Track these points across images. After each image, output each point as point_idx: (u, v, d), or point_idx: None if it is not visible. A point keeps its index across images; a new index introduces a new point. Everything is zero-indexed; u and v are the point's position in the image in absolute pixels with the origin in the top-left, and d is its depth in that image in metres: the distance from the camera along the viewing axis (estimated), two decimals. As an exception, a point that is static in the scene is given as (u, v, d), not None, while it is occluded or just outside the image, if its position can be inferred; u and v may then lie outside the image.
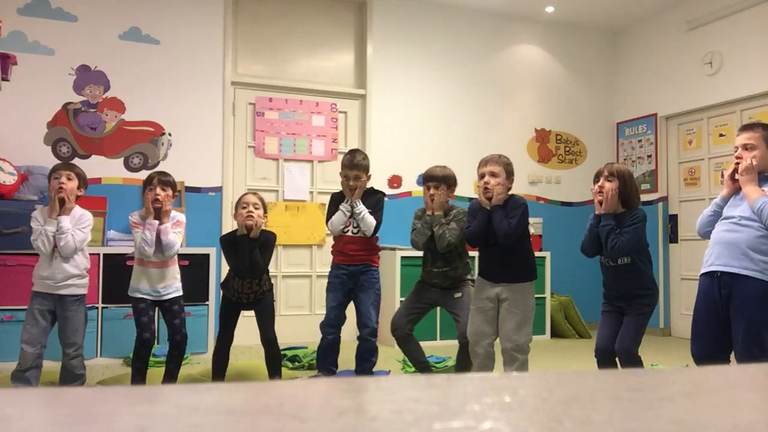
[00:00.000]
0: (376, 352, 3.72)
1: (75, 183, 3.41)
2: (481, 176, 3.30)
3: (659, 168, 6.19)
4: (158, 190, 3.46)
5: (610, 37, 6.75)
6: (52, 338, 3.40)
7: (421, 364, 3.71)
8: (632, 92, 6.53)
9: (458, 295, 3.59)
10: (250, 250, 3.48)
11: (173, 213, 3.59)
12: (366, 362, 3.69)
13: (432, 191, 3.58)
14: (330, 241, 4.15)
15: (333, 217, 3.72)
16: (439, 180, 3.58)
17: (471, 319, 3.34)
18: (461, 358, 3.61)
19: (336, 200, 3.79)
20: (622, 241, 3.04)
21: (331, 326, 3.66)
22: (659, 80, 6.21)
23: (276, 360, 3.58)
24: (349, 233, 3.71)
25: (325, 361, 3.67)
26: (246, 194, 3.66)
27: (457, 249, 3.57)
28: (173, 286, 3.52)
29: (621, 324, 3.14)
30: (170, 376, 3.53)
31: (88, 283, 3.48)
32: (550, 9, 6.19)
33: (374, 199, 3.79)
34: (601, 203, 3.15)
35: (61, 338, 3.39)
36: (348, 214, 3.68)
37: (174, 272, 3.55)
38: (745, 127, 2.96)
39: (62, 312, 3.37)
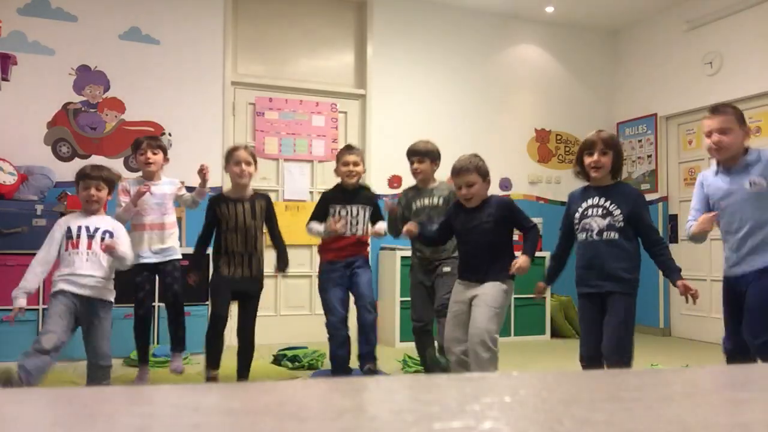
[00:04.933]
0: (376, 327, 3.69)
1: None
2: (458, 187, 3.17)
3: (659, 168, 6.19)
4: (149, 154, 3.50)
5: (610, 37, 6.75)
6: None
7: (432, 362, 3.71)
8: (632, 92, 6.52)
9: (447, 269, 3.55)
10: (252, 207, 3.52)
11: (167, 179, 3.65)
12: (369, 337, 3.59)
13: (416, 165, 3.69)
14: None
15: (313, 226, 3.69)
16: (422, 154, 3.67)
17: (446, 324, 3.23)
18: (420, 341, 3.65)
19: (328, 199, 3.75)
20: (664, 246, 2.93)
21: (342, 322, 3.59)
22: (659, 80, 6.21)
23: (247, 358, 3.50)
24: (348, 234, 3.68)
25: (342, 364, 3.60)
26: (237, 150, 3.58)
27: None
28: (173, 248, 3.58)
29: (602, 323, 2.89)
30: (175, 341, 3.56)
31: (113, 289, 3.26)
32: (550, 9, 6.18)
33: (375, 199, 3.83)
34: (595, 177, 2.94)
35: (91, 347, 3.08)
36: (321, 232, 3.70)
37: (173, 235, 3.60)
38: (717, 111, 2.84)
39: (89, 316, 3.08)
